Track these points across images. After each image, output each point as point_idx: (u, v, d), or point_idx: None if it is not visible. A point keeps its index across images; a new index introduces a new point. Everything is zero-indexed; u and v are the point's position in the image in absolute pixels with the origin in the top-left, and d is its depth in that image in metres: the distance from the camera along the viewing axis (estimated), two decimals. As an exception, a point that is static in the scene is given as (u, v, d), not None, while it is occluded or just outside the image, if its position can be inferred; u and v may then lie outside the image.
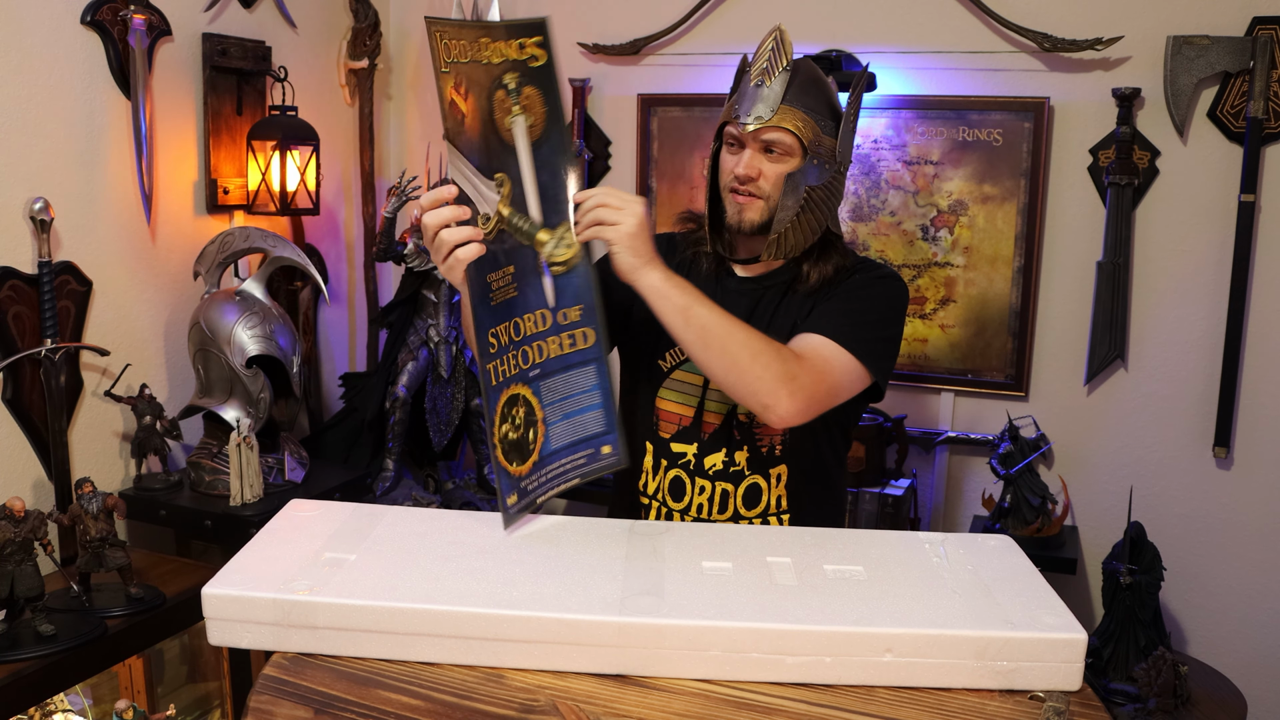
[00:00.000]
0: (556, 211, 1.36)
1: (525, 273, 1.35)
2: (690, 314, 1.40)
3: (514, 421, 1.35)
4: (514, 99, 1.31)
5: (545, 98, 1.33)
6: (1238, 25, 2.45)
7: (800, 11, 2.79)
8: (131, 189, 2.37)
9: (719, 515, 1.60)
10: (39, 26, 2.14)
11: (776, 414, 1.41)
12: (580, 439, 1.41)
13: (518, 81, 1.31)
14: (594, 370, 1.41)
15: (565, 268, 1.37)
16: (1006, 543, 1.36)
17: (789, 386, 1.40)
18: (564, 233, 1.37)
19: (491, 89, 1.29)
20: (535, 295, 1.37)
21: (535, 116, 1.32)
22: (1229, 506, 2.60)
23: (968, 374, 2.78)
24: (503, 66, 1.29)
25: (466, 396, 2.86)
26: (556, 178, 1.36)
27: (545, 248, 1.36)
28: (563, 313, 1.39)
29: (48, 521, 1.82)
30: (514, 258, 1.35)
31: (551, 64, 1.32)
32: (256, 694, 1.08)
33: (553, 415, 1.39)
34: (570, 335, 1.39)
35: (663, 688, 1.10)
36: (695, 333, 1.40)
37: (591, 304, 1.39)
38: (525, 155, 1.33)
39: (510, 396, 1.34)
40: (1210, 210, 2.53)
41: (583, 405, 1.41)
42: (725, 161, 1.55)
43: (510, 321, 1.34)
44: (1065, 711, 1.05)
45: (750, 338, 1.42)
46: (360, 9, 2.97)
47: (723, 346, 1.40)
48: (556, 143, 1.35)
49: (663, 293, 1.40)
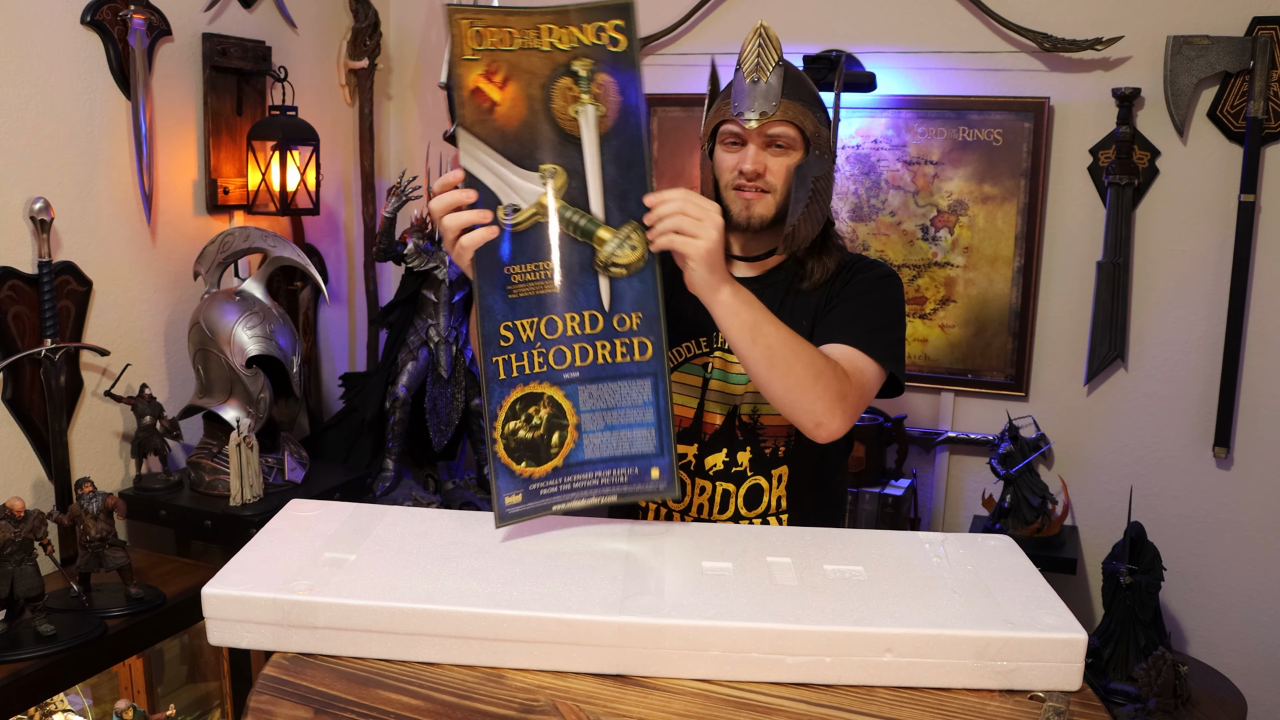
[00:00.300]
0: (622, 209, 1.29)
1: (572, 269, 1.28)
2: (759, 332, 1.36)
3: (530, 421, 1.30)
4: (583, 87, 1.24)
5: (621, 86, 1.26)
6: (1238, 25, 2.45)
7: (800, 11, 2.79)
8: (131, 189, 2.37)
9: (720, 515, 1.60)
10: (39, 26, 2.14)
11: (827, 431, 1.42)
12: (624, 455, 1.32)
13: (590, 69, 1.25)
14: (650, 385, 1.31)
15: (626, 271, 1.29)
16: (1006, 543, 1.36)
17: (841, 405, 1.41)
18: (630, 233, 1.29)
19: (551, 76, 1.24)
20: (585, 295, 1.29)
21: (607, 107, 1.26)
22: (1229, 506, 2.60)
23: (968, 374, 2.78)
24: (571, 53, 1.24)
25: (466, 396, 2.86)
26: (627, 174, 1.28)
27: (606, 247, 1.28)
28: (619, 317, 1.30)
29: (48, 521, 1.82)
30: (556, 252, 1.28)
31: (634, 50, 1.26)
32: (256, 694, 1.08)
33: (591, 423, 1.31)
34: (625, 343, 1.31)
35: (663, 688, 1.10)
36: (761, 351, 1.36)
37: (655, 313, 1.31)
38: (591, 147, 1.26)
39: (527, 394, 1.30)
40: (1210, 210, 2.53)
41: (631, 420, 1.32)
42: (725, 160, 1.54)
43: (541, 318, 1.28)
44: (1065, 711, 1.05)
45: (814, 357, 1.40)
46: (360, 9, 2.97)
47: (788, 366, 1.37)
48: (630, 135, 1.28)
49: (734, 310, 1.34)
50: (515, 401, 1.29)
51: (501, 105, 1.24)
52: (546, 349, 1.29)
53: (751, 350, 1.36)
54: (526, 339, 1.29)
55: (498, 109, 1.24)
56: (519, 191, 1.26)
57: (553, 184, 1.26)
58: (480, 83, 1.23)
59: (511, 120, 1.25)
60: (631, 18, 1.26)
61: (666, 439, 1.32)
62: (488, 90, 1.23)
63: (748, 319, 1.35)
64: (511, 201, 1.26)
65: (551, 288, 1.28)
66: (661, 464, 1.32)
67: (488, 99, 1.23)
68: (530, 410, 1.30)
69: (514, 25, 1.23)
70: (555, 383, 1.30)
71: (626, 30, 1.25)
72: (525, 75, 1.24)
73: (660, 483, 1.33)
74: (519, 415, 1.30)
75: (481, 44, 1.22)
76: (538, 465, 1.30)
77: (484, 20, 1.21)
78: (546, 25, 1.23)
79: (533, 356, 1.29)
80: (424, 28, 3.16)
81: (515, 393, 1.29)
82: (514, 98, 1.24)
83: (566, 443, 1.31)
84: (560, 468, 1.31)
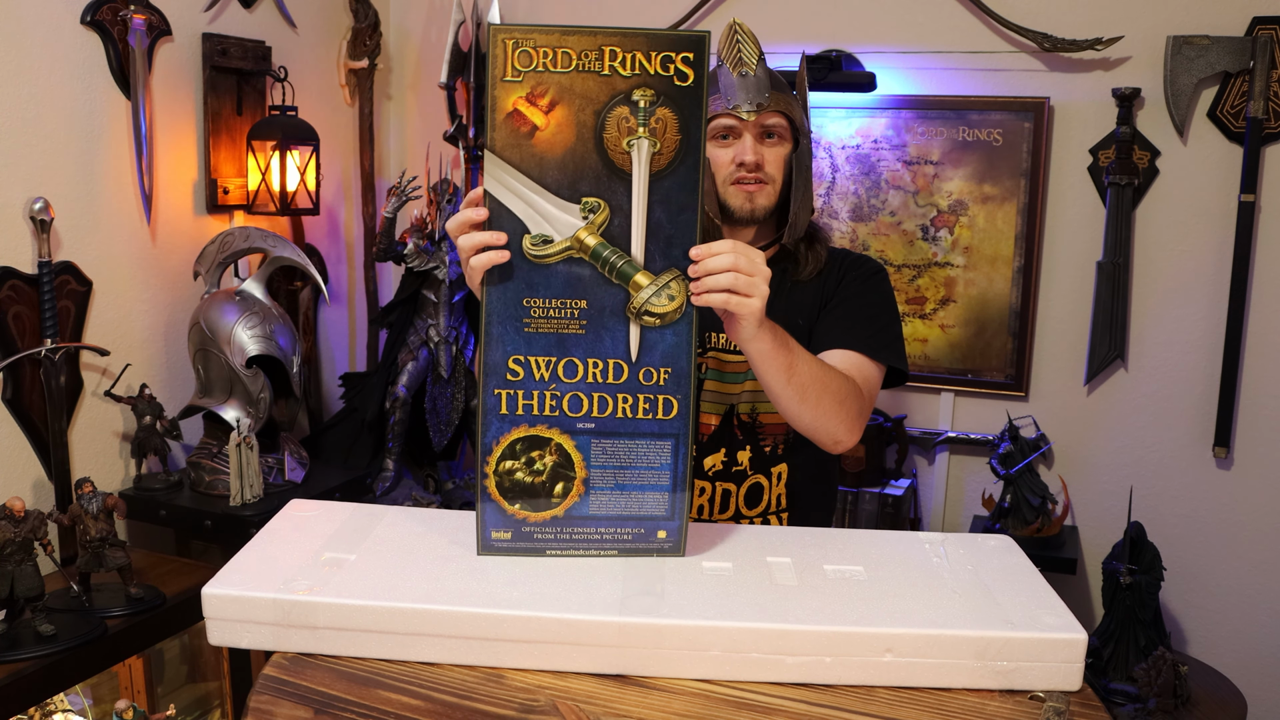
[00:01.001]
0: (665, 256, 1.20)
1: (603, 313, 1.21)
2: (793, 373, 1.35)
3: (531, 465, 1.24)
4: (641, 119, 1.17)
5: (682, 124, 1.18)
6: (1238, 25, 2.45)
7: (800, 11, 2.79)
8: (131, 189, 2.37)
9: (720, 515, 1.60)
10: (39, 26, 2.14)
11: (843, 446, 1.46)
12: (630, 515, 1.26)
13: (650, 100, 1.17)
14: (670, 448, 1.24)
15: (660, 321, 1.21)
16: (1006, 543, 1.36)
17: (859, 421, 1.45)
18: (669, 281, 1.20)
19: (608, 104, 1.17)
20: (611, 341, 1.22)
21: (663, 143, 1.18)
22: (1229, 506, 2.60)
23: (968, 374, 2.78)
24: (633, 80, 1.17)
25: (466, 396, 2.86)
26: (676, 219, 1.20)
27: (641, 293, 1.20)
28: (645, 371, 1.23)
29: (48, 521, 1.82)
30: (587, 292, 1.21)
31: (700, 87, 1.18)
32: (256, 694, 1.08)
33: (601, 480, 1.24)
34: (649, 400, 1.23)
35: (663, 688, 1.10)
36: (795, 389, 1.36)
37: (685, 370, 1.23)
38: (640, 185, 1.19)
39: (532, 436, 1.23)
40: (1210, 210, 2.53)
41: (645, 482, 1.25)
42: (719, 155, 1.54)
43: (560, 359, 1.22)
44: (1065, 711, 1.05)
45: (840, 385, 1.41)
46: (360, 9, 2.97)
47: (817, 399, 1.38)
48: (684, 178, 1.19)
49: (770, 355, 1.32)
50: (516, 441, 1.23)
51: (545, 130, 1.17)
52: (561, 393, 1.22)
53: (785, 389, 1.36)
54: (540, 378, 1.22)
55: (539, 133, 1.17)
56: (552, 222, 1.19)
57: (593, 219, 1.19)
58: (521, 105, 1.16)
59: (555, 147, 1.17)
60: (704, 52, 1.17)
61: (680, 505, 1.25)
62: (529, 114, 1.16)
63: (785, 361, 1.33)
64: (542, 232, 1.19)
65: (576, 328, 1.21)
66: (670, 527, 1.27)
67: (527, 122, 1.17)
68: (533, 454, 1.24)
69: (571, 45, 1.16)
70: (567, 430, 1.23)
71: (696, 65, 1.17)
72: (578, 99, 1.17)
73: (666, 543, 1.27)
74: (518, 456, 1.24)
75: (529, 65, 1.15)
76: (534, 511, 1.25)
77: (534, 40, 1.15)
78: (610, 47, 1.16)
79: (544, 398, 1.22)
80: (424, 28, 3.16)
81: (517, 431, 1.23)
82: (560, 122, 1.17)
83: (571, 495, 1.25)
84: (560, 518, 1.26)
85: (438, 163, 2.95)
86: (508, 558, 1.25)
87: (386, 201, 2.71)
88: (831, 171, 2.80)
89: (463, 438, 2.99)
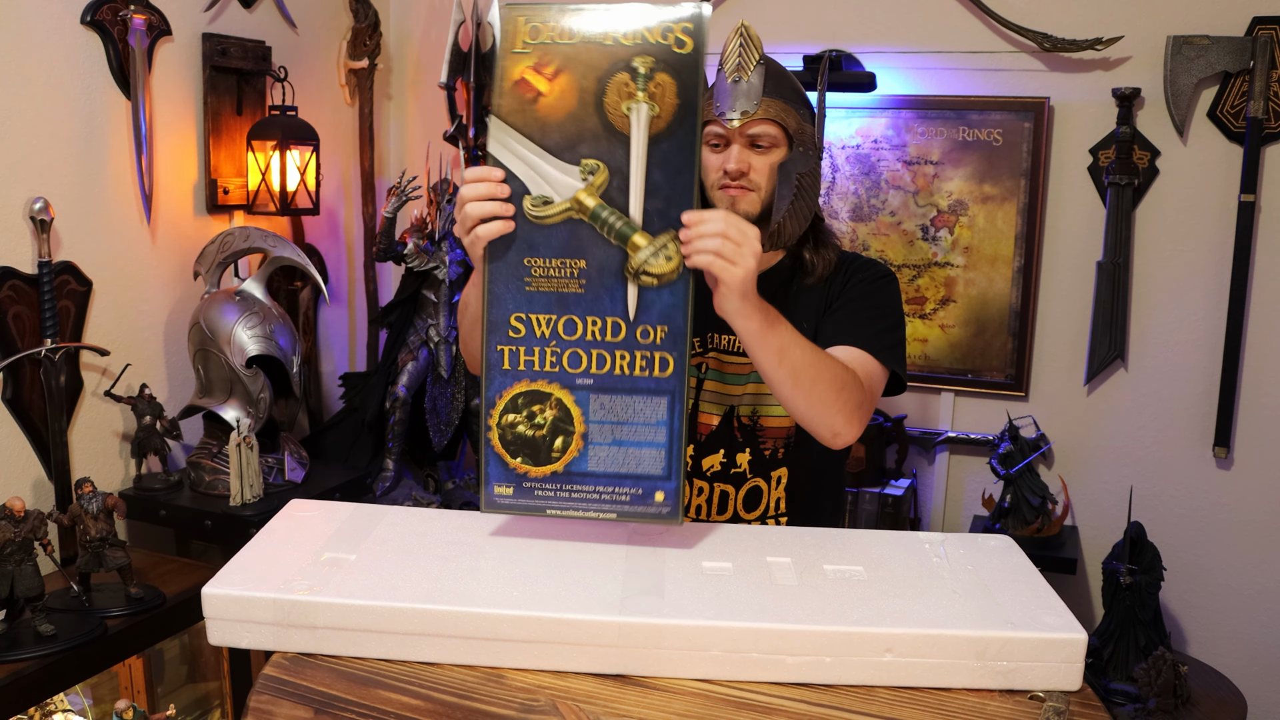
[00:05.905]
0: (663, 217, 1.23)
1: (602, 272, 1.24)
2: (785, 354, 1.34)
3: (532, 419, 1.28)
4: (640, 84, 1.21)
5: (680, 89, 1.22)
6: (1238, 25, 2.45)
7: (800, 11, 2.79)
8: (131, 189, 2.37)
9: (718, 517, 1.60)
10: (39, 26, 2.14)
11: (843, 440, 1.43)
12: (629, 473, 1.28)
13: (650, 67, 1.21)
14: (665, 404, 1.26)
15: (657, 281, 1.24)
16: (1006, 543, 1.36)
17: (859, 413, 1.42)
18: (666, 243, 1.23)
19: (609, 70, 1.21)
20: (610, 300, 1.25)
21: (662, 108, 1.22)
22: (1229, 506, 2.60)
23: (968, 374, 2.78)
24: (633, 49, 1.21)
25: (466, 396, 2.86)
26: (673, 181, 1.23)
27: (639, 254, 1.23)
28: (643, 329, 1.25)
29: (48, 521, 1.82)
30: (586, 252, 1.24)
31: (699, 54, 1.22)
32: (256, 694, 1.08)
33: (599, 435, 1.27)
34: (646, 357, 1.26)
35: (663, 688, 1.10)
36: (787, 372, 1.35)
37: (681, 329, 1.25)
38: (640, 147, 1.22)
39: (533, 391, 1.27)
40: (1210, 210, 2.53)
41: (641, 438, 1.27)
42: (710, 161, 1.54)
43: (560, 317, 1.25)
44: (1065, 711, 1.05)
45: (836, 371, 1.40)
46: (360, 9, 2.97)
47: (811, 384, 1.37)
48: (681, 141, 1.22)
49: (763, 335, 1.32)
50: (518, 395, 1.27)
51: (549, 96, 1.21)
52: (561, 349, 1.26)
53: (777, 371, 1.36)
54: (540, 335, 1.26)
55: (543, 99, 1.22)
56: (553, 184, 1.23)
57: (592, 181, 1.23)
58: (527, 74, 1.20)
59: (557, 111, 1.22)
60: (702, 23, 1.21)
61: (676, 463, 1.27)
62: (534, 81, 1.20)
63: (775, 343, 1.34)
64: (542, 193, 1.23)
65: (575, 287, 1.25)
66: (668, 488, 1.28)
67: (532, 89, 1.21)
68: (534, 408, 1.27)
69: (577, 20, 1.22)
70: (566, 386, 1.27)
71: (695, 34, 1.21)
72: (581, 67, 1.22)
73: (664, 507, 1.28)
74: (520, 410, 1.28)
75: (537, 38, 1.21)
76: (535, 465, 1.28)
77: (544, 15, 1.20)
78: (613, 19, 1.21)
79: (544, 354, 1.27)
80: (424, 28, 3.16)
81: (519, 386, 1.27)
82: (564, 89, 1.22)
83: (570, 450, 1.28)
84: (560, 474, 1.28)
85: (438, 163, 2.96)
86: (507, 556, 1.25)
87: (386, 201, 2.71)
88: (831, 171, 2.80)
89: (463, 438, 2.99)
